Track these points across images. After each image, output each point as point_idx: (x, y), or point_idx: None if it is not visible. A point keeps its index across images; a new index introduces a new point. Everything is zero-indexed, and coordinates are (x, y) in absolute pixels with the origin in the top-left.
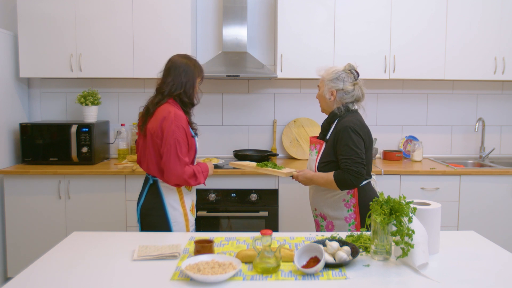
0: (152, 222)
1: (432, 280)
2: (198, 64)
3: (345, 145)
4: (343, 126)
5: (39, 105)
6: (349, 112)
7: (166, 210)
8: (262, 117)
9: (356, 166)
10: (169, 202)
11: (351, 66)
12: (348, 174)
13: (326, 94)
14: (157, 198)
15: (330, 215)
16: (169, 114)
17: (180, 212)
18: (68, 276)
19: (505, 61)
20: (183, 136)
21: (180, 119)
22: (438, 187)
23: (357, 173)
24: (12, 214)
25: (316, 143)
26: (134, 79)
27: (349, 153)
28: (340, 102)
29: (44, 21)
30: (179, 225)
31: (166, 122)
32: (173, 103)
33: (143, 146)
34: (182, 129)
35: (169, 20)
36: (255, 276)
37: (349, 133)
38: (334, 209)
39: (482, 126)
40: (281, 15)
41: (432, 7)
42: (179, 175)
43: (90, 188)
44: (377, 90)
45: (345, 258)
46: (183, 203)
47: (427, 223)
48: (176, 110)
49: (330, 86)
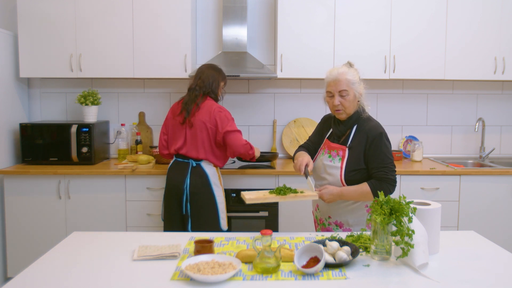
0: (201, 199)
1: (432, 280)
2: (222, 72)
3: (381, 153)
4: (378, 133)
5: (39, 105)
6: (367, 116)
7: (212, 187)
8: (262, 117)
9: (393, 174)
10: (213, 180)
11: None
12: (386, 184)
13: (356, 93)
14: (203, 178)
15: (350, 222)
16: (217, 106)
17: (220, 189)
18: (68, 276)
19: (505, 61)
20: (231, 118)
21: (223, 109)
22: (438, 187)
23: (394, 181)
24: (12, 214)
25: (338, 149)
26: (134, 79)
27: (386, 161)
28: (359, 105)
29: (44, 21)
30: (220, 198)
31: (218, 112)
32: (210, 99)
33: (189, 135)
34: (229, 114)
35: (169, 20)
36: (255, 276)
37: (383, 140)
38: (356, 216)
39: (482, 126)
40: (281, 15)
41: (432, 7)
42: (244, 144)
43: (90, 188)
44: (377, 90)
45: (345, 258)
46: (221, 182)
47: (427, 223)
48: (217, 103)
49: (358, 88)
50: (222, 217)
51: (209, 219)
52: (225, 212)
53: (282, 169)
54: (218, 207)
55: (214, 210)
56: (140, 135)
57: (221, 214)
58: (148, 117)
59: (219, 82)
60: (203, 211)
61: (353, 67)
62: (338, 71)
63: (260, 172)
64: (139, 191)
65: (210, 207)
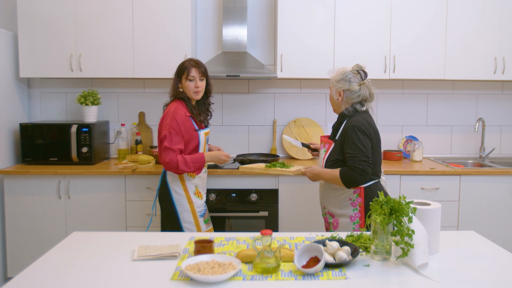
0: (164, 207)
1: (432, 280)
2: (180, 64)
3: (352, 144)
4: (350, 126)
5: (39, 105)
6: (358, 113)
7: (171, 195)
8: (262, 117)
9: (362, 164)
10: (173, 188)
11: (359, 66)
12: (353, 172)
13: (334, 95)
14: (165, 186)
15: (337, 213)
16: (169, 110)
17: (183, 196)
18: (68, 276)
19: (505, 61)
20: (175, 127)
21: (177, 114)
22: (438, 187)
23: (362, 170)
24: (12, 214)
25: (325, 142)
26: (134, 79)
27: (355, 151)
28: (348, 102)
29: (44, 21)
30: (183, 206)
31: (164, 118)
32: (178, 101)
33: None
34: (175, 121)
35: (169, 20)
36: (255, 276)
37: (356, 132)
38: (340, 207)
39: (482, 126)
40: (281, 15)
41: (432, 7)
42: (165, 162)
43: (90, 188)
44: (377, 90)
45: (345, 258)
46: (185, 188)
47: (427, 223)
48: (176, 106)
49: (337, 87)
50: (185, 226)
51: (173, 228)
52: (194, 221)
53: None
54: (179, 216)
55: (175, 220)
56: (140, 135)
57: (183, 224)
58: (148, 117)
59: (176, 78)
60: (165, 218)
61: (342, 67)
62: (331, 69)
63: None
64: (139, 191)
65: (171, 215)
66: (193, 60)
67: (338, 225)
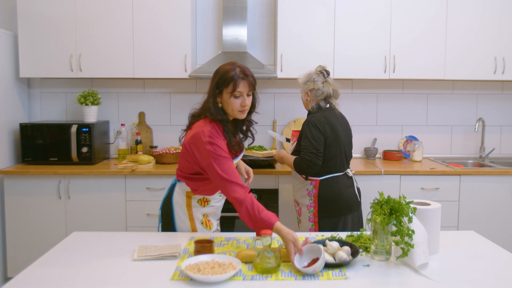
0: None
1: (432, 280)
2: (220, 71)
3: (305, 137)
4: (306, 121)
5: (39, 105)
6: (321, 110)
7: (174, 218)
8: (262, 117)
9: (310, 155)
10: (177, 211)
11: (321, 67)
12: (302, 162)
13: (303, 96)
14: (168, 205)
15: (300, 201)
16: (202, 133)
17: (187, 225)
18: (68, 276)
19: (505, 61)
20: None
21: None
22: (438, 187)
23: (310, 161)
24: (12, 214)
25: (294, 136)
26: (134, 79)
27: (306, 144)
28: (314, 100)
29: (44, 21)
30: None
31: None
32: (211, 122)
33: None
34: (216, 147)
35: (169, 20)
36: (255, 276)
37: (309, 127)
38: (300, 196)
39: (482, 126)
40: (281, 15)
41: (432, 7)
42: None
43: (90, 188)
44: (377, 90)
45: (345, 258)
46: (191, 216)
47: (427, 223)
48: (211, 130)
49: (304, 88)
50: None
51: None
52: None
53: (282, 169)
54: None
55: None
56: (140, 135)
57: None
58: (148, 117)
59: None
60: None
61: (308, 71)
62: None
63: (260, 171)
64: (139, 191)
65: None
66: (240, 68)
67: (301, 212)
